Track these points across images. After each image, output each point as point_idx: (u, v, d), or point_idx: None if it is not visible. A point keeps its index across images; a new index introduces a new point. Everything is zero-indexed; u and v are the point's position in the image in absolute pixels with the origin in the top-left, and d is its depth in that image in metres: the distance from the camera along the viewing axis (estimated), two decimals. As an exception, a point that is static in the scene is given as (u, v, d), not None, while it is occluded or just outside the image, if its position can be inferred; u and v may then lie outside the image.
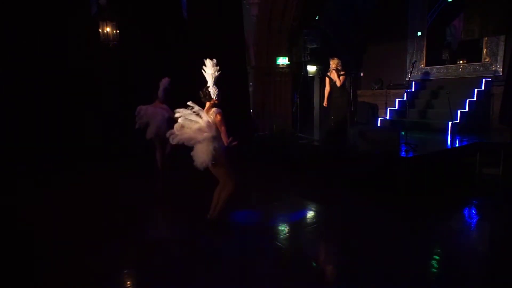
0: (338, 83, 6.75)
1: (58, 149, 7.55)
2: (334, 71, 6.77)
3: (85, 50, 7.62)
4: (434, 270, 3.29)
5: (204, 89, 3.85)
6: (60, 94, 7.54)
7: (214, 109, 3.79)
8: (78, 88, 7.72)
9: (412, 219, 4.51)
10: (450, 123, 8.09)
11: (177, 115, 3.76)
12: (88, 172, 7.13)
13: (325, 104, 7.00)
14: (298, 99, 8.15)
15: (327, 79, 6.97)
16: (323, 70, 6.99)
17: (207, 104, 3.86)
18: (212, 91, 3.81)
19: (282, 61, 9.71)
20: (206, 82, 3.87)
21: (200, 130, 3.66)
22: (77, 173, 7.02)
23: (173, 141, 3.73)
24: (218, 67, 3.84)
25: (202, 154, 3.69)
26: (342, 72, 6.76)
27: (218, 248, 3.70)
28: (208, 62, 3.83)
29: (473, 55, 9.49)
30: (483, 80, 8.88)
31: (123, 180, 6.54)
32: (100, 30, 7.28)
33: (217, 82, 3.87)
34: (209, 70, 3.82)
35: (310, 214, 4.98)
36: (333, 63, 6.81)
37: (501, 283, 3.10)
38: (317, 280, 3.17)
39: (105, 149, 8.10)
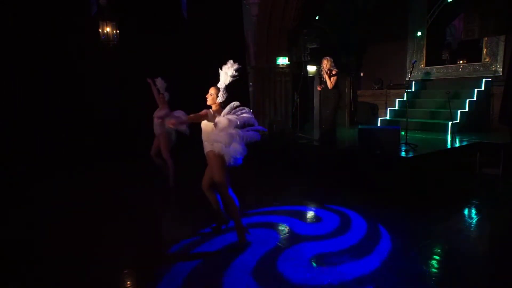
0: (329, 85, 6.62)
1: (57, 149, 7.56)
2: (326, 72, 6.62)
3: (85, 50, 7.62)
4: (434, 270, 3.29)
5: (216, 90, 3.68)
6: (60, 94, 7.55)
7: (227, 115, 3.58)
8: (78, 88, 7.73)
9: (412, 219, 4.51)
10: (450, 123, 8.09)
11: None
12: (88, 173, 7.14)
13: (319, 88, 6.99)
14: (298, 99, 8.15)
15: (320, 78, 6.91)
16: (321, 66, 6.92)
17: (214, 106, 3.68)
18: (222, 93, 3.66)
19: (282, 61, 9.71)
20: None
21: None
22: (76, 173, 7.02)
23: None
24: (237, 73, 3.66)
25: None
26: (333, 72, 6.57)
27: (217, 248, 3.70)
28: (230, 62, 3.63)
29: (473, 55, 9.49)
30: (483, 80, 8.88)
31: (124, 180, 6.55)
32: (100, 30, 7.29)
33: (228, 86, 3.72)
34: (229, 71, 3.62)
35: (311, 214, 4.97)
36: (325, 64, 6.62)
37: (501, 283, 3.10)
38: (316, 281, 3.17)
39: (104, 149, 8.11)
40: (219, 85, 3.69)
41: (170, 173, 5.92)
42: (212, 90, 3.69)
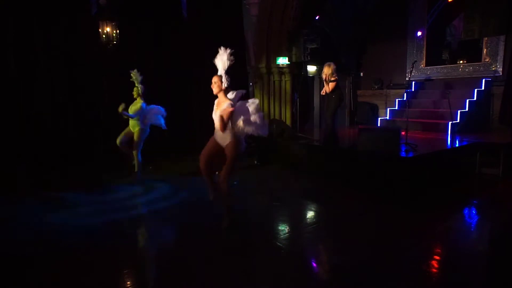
0: (327, 90, 6.72)
1: (56, 148, 7.55)
2: (325, 79, 6.69)
3: (85, 50, 7.61)
4: (434, 270, 3.29)
5: (218, 77, 3.77)
6: (60, 93, 7.53)
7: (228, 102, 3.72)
8: (78, 88, 7.71)
9: (412, 219, 4.51)
10: (450, 123, 8.09)
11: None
12: (87, 172, 7.13)
13: (322, 93, 7.05)
14: (298, 99, 8.15)
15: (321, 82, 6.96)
16: (322, 71, 6.93)
17: (221, 94, 3.80)
18: (225, 79, 3.76)
19: (282, 61, 9.70)
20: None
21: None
22: (75, 172, 7.01)
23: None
24: (232, 57, 3.75)
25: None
26: (332, 79, 6.62)
27: (218, 248, 3.70)
28: (222, 49, 3.75)
29: (473, 55, 9.49)
30: (483, 80, 8.88)
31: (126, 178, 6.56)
32: (100, 30, 7.28)
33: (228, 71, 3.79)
34: (224, 56, 3.73)
35: (310, 214, 4.97)
36: (326, 70, 6.64)
37: (501, 283, 3.10)
38: (316, 280, 3.17)
39: (104, 149, 8.10)
40: (219, 72, 3.79)
41: (137, 166, 6.42)
42: (214, 79, 3.79)
